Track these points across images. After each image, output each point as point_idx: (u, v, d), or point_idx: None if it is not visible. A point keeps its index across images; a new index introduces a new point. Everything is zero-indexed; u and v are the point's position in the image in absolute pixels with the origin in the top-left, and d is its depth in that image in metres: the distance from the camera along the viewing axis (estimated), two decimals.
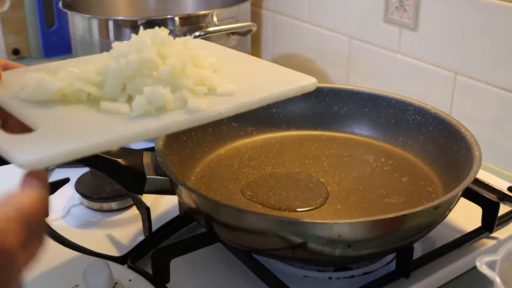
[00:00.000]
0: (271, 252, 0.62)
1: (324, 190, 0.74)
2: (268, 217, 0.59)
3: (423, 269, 0.68)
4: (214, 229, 0.64)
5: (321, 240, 0.58)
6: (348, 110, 0.87)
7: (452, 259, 0.70)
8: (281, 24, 1.28)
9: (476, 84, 0.93)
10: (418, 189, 0.74)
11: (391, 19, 1.02)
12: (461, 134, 0.74)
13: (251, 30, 0.95)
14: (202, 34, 0.88)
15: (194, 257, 0.68)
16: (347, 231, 0.56)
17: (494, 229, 0.73)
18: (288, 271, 0.68)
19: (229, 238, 0.64)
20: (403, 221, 0.58)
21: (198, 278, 0.67)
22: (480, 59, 0.91)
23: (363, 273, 0.68)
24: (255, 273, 0.64)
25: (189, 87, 0.52)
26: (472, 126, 0.93)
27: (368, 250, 0.60)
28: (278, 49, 1.32)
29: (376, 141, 0.85)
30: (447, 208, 0.64)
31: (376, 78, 1.09)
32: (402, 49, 1.03)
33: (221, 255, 0.70)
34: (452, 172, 0.73)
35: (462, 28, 0.92)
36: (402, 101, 0.83)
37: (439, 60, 0.97)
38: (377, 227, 0.58)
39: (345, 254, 0.59)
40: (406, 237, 0.61)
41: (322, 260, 0.62)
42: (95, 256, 0.69)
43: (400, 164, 0.80)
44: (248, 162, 0.80)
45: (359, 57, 1.12)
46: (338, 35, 1.14)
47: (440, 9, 0.95)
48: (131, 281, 0.64)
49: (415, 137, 0.82)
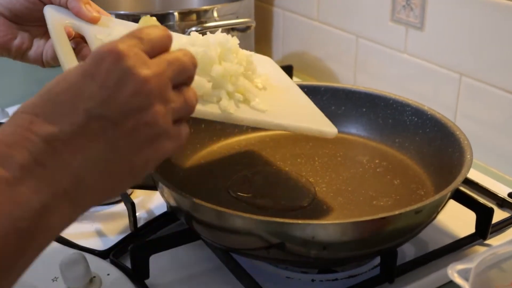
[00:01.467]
0: (248, 251, 0.62)
1: (312, 190, 0.72)
2: (243, 217, 0.58)
3: (410, 275, 0.66)
4: (194, 226, 0.63)
5: (295, 241, 0.56)
6: (345, 110, 0.85)
7: (441, 265, 0.67)
8: (291, 21, 1.27)
9: (482, 86, 0.90)
10: (409, 192, 0.72)
11: (398, 18, 1.00)
12: (455, 136, 0.72)
13: (250, 27, 0.94)
14: (199, 30, 0.87)
15: (175, 253, 0.68)
16: (321, 232, 0.55)
17: (488, 236, 0.71)
18: (271, 271, 0.67)
19: (207, 237, 0.64)
20: (381, 224, 0.57)
21: (178, 274, 0.67)
22: (486, 61, 0.88)
23: (348, 276, 0.66)
24: (231, 271, 0.64)
25: (228, 91, 0.59)
26: (476, 129, 0.91)
27: (346, 252, 0.59)
28: (288, 47, 1.30)
29: (372, 142, 0.83)
30: (432, 211, 0.62)
31: (383, 78, 1.07)
32: (408, 49, 1.00)
33: (202, 252, 0.69)
34: (445, 175, 0.70)
35: (468, 29, 0.90)
36: (399, 102, 0.81)
37: (444, 61, 0.95)
38: (352, 229, 0.56)
39: (321, 256, 0.58)
40: (386, 240, 0.59)
41: (299, 261, 0.61)
42: (78, 249, 0.69)
43: (393, 166, 0.78)
44: (239, 160, 0.79)
45: (366, 56, 1.10)
46: (346, 33, 1.13)
47: (446, 8, 0.92)
48: (109, 275, 0.64)
49: (412, 139, 0.79)
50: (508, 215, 0.76)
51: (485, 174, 0.87)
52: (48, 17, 0.62)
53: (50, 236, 0.39)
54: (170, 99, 0.43)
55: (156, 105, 0.41)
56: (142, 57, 0.41)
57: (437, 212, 0.64)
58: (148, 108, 0.41)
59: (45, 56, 0.68)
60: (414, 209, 0.57)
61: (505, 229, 0.74)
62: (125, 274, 0.64)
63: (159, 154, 0.43)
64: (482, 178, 0.85)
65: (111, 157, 0.40)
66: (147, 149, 0.42)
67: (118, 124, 0.40)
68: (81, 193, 0.39)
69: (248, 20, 0.93)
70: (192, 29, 0.87)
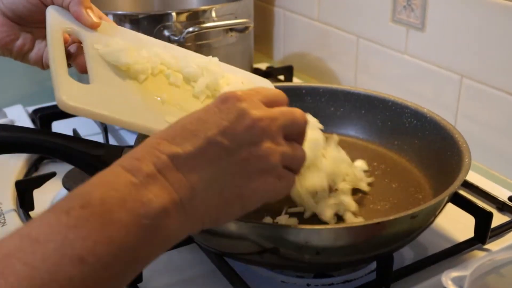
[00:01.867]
0: (241, 256, 0.61)
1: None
2: (236, 222, 0.56)
3: (407, 280, 0.65)
4: None
5: (289, 246, 0.55)
6: (344, 111, 0.85)
7: (438, 270, 0.66)
8: (292, 22, 1.26)
9: (483, 88, 0.89)
10: (407, 196, 0.71)
11: (398, 18, 0.99)
12: (454, 139, 0.71)
13: (248, 27, 0.93)
14: (196, 30, 0.86)
15: (169, 256, 0.67)
16: (314, 238, 0.54)
17: (488, 241, 0.70)
18: (266, 275, 0.66)
19: (200, 241, 0.63)
20: (375, 229, 0.56)
21: (171, 278, 0.66)
22: (487, 62, 0.87)
23: (343, 281, 0.65)
24: (224, 275, 0.63)
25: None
26: (477, 131, 0.90)
27: (340, 258, 0.58)
28: (289, 47, 1.30)
29: (371, 144, 0.82)
30: (429, 216, 0.61)
31: (383, 78, 1.06)
32: (409, 50, 0.99)
33: (197, 256, 0.68)
34: (444, 179, 0.69)
35: (469, 30, 0.88)
36: (398, 104, 0.80)
37: (445, 62, 0.93)
38: (346, 235, 0.55)
39: (314, 261, 0.57)
40: (381, 246, 0.58)
41: (292, 266, 0.60)
42: None
43: (392, 169, 0.77)
44: None
45: (366, 57, 1.09)
46: (346, 34, 1.12)
47: (447, 9, 0.91)
48: None
49: (411, 141, 0.78)
50: (508, 219, 0.75)
51: (485, 177, 0.86)
52: (48, 19, 0.62)
53: (167, 238, 0.44)
54: (280, 143, 0.49)
55: (267, 141, 0.48)
56: (258, 103, 0.49)
57: (435, 216, 0.63)
58: (260, 143, 0.47)
59: (45, 59, 0.68)
60: (410, 214, 0.56)
61: (505, 233, 0.73)
62: None
63: (267, 187, 0.48)
64: (482, 181, 0.84)
65: (223, 180, 0.46)
66: (256, 180, 0.47)
67: (233, 153, 0.46)
68: (194, 206, 0.45)
69: (247, 20, 0.93)
70: (190, 29, 0.86)
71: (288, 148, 0.49)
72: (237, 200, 0.47)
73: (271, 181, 0.48)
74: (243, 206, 0.48)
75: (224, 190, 0.46)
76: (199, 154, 0.45)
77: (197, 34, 0.88)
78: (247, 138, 0.47)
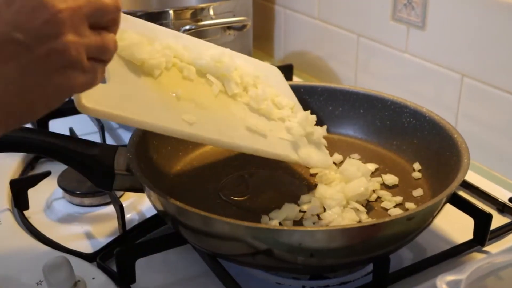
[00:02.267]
0: (235, 257, 0.60)
1: (305, 193, 0.70)
2: (229, 223, 0.56)
3: (404, 282, 0.64)
4: (180, 231, 0.62)
5: (282, 248, 0.54)
6: (343, 111, 0.83)
7: (436, 272, 0.65)
8: (292, 20, 1.25)
9: (484, 88, 0.87)
10: (406, 196, 0.70)
11: (399, 17, 0.98)
12: (453, 140, 0.69)
13: (246, 25, 0.92)
14: (193, 28, 0.86)
15: (162, 257, 0.66)
16: (308, 239, 0.53)
17: (487, 243, 0.69)
18: (261, 277, 0.65)
19: (194, 242, 0.62)
20: (371, 231, 0.55)
21: (165, 279, 0.65)
22: (488, 61, 0.86)
23: (340, 283, 0.64)
24: (218, 276, 0.62)
25: None
26: (478, 131, 0.89)
27: (335, 260, 0.57)
28: (290, 46, 1.28)
29: (370, 144, 0.81)
30: (426, 218, 0.60)
31: (383, 77, 1.05)
32: (410, 49, 0.98)
33: (191, 256, 0.67)
34: (442, 179, 0.68)
35: (470, 29, 0.87)
36: (397, 103, 0.79)
37: (445, 61, 0.92)
38: (341, 236, 0.54)
39: (308, 262, 0.56)
40: (377, 247, 0.57)
41: (286, 268, 0.59)
42: (65, 251, 0.68)
43: (390, 169, 0.76)
44: (231, 162, 0.77)
45: (367, 55, 1.07)
46: (347, 32, 1.10)
47: (448, 7, 0.90)
48: (94, 279, 0.63)
49: (410, 142, 0.77)
50: (508, 220, 0.74)
51: (486, 177, 0.85)
52: None
53: None
54: (84, 34, 0.45)
55: (67, 34, 0.43)
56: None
57: (433, 218, 0.62)
58: (60, 36, 0.43)
59: None
60: (406, 216, 0.55)
61: (505, 235, 0.72)
62: (111, 278, 0.63)
63: (71, 84, 0.45)
64: (483, 182, 0.83)
65: (23, 80, 0.43)
66: (58, 77, 0.44)
67: (31, 49, 0.42)
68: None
69: (244, 18, 0.92)
70: (187, 27, 0.85)
71: (95, 38, 0.46)
72: (40, 100, 0.44)
73: (75, 75, 0.45)
74: (47, 105, 0.45)
75: (25, 91, 0.43)
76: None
77: (195, 32, 0.87)
78: (46, 32, 0.43)
